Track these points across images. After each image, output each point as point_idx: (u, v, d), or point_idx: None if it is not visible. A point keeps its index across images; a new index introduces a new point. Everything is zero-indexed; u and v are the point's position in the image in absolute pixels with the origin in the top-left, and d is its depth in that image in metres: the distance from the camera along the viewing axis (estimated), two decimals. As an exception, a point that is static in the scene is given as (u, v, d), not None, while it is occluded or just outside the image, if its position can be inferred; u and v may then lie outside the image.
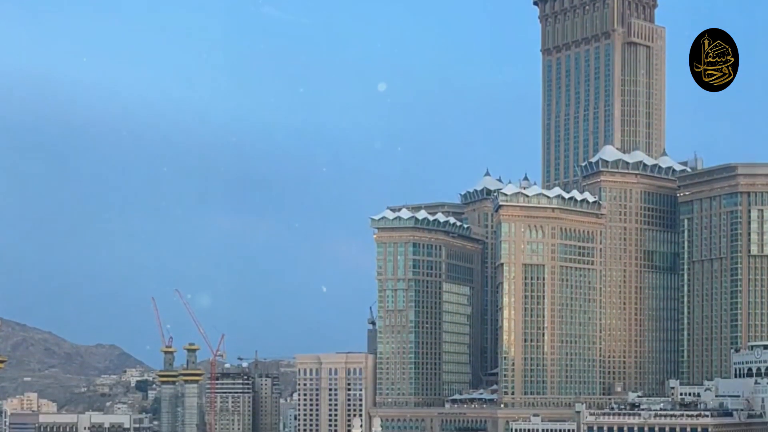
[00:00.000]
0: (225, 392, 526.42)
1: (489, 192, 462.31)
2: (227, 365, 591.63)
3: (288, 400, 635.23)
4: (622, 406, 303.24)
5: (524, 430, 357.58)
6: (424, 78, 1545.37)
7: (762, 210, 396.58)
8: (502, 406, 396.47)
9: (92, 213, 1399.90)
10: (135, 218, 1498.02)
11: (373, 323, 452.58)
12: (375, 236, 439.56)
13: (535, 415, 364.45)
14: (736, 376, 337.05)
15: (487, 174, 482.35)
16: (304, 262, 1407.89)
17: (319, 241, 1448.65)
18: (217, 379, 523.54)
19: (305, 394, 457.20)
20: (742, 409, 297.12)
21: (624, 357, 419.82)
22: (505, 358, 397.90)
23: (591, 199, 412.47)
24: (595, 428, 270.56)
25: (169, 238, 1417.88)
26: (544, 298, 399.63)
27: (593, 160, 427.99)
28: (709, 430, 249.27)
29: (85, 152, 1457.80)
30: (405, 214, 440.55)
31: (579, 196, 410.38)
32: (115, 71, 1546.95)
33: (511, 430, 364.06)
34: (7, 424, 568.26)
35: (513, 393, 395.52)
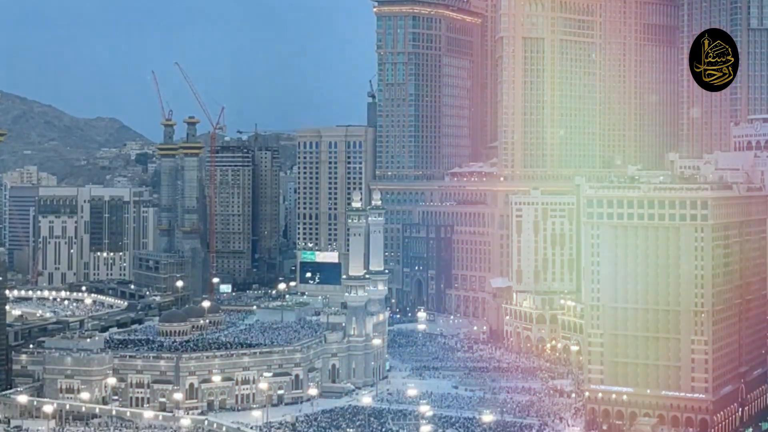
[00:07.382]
0: (225, 165, 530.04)
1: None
2: (227, 138, 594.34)
3: (288, 174, 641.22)
4: (622, 179, 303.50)
5: (524, 203, 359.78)
6: None
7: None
8: (501, 179, 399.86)
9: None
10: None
11: (373, 96, 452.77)
12: (375, 9, 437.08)
13: (534, 189, 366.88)
14: (735, 150, 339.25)
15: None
16: (304, 35, 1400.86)
17: (318, 14, 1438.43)
18: (217, 152, 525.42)
19: (305, 168, 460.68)
20: (741, 182, 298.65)
21: (623, 130, 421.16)
22: (504, 131, 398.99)
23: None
24: (594, 201, 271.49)
25: (169, 13, 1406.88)
26: (544, 72, 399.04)
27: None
28: (709, 203, 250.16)
29: None
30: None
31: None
32: None
33: (511, 203, 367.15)
34: (7, 197, 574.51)
35: (513, 166, 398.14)
